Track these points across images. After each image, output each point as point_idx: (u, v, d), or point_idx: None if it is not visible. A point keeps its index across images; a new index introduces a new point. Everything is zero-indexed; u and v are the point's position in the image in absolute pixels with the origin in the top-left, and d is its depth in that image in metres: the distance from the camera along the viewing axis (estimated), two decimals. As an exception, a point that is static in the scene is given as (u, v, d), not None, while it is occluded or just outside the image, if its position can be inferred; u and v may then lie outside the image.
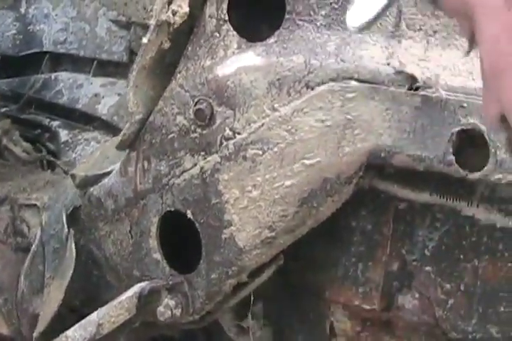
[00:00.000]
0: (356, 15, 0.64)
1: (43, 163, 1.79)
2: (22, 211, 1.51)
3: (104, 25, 1.90)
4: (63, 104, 1.95)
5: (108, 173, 1.32)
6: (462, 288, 1.24)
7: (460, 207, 1.15)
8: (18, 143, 1.78)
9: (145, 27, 1.58)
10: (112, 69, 1.93)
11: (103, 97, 1.87)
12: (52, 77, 2.02)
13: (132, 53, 1.81)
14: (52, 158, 1.78)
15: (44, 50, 2.05)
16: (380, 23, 1.02)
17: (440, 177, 1.11)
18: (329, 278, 1.34)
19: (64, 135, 1.87)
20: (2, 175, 1.65)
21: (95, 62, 1.94)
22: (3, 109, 1.97)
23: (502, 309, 1.22)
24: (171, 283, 1.26)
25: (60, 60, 2.07)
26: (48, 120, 1.95)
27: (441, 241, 1.23)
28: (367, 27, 0.64)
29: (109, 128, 1.83)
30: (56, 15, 2.04)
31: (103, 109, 1.84)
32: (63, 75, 2.00)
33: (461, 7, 0.63)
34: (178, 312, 1.26)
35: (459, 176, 1.03)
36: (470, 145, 1.00)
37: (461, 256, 1.22)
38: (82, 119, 1.92)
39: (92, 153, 1.56)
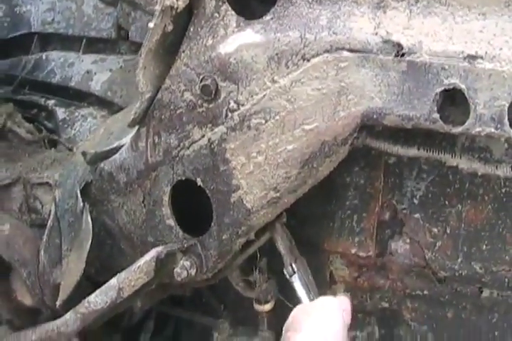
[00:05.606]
0: None
1: (45, 142, 1.81)
2: (35, 189, 1.53)
3: (90, 3, 1.90)
4: (56, 82, 1.97)
5: (115, 149, 1.35)
6: (448, 231, 1.35)
7: (445, 158, 1.24)
8: (22, 124, 1.80)
9: (131, 3, 1.60)
10: (101, 45, 1.95)
11: (95, 74, 1.88)
12: (43, 56, 2.02)
13: (120, 29, 1.83)
14: (55, 137, 1.80)
15: (32, 31, 2.04)
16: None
17: (425, 133, 1.18)
18: (327, 231, 1.44)
19: (61, 113, 1.89)
20: (11, 156, 1.66)
21: (84, 40, 1.95)
22: (-2, 92, 1.97)
23: (484, 247, 1.33)
24: (185, 245, 1.31)
25: (49, 40, 2.06)
26: (44, 99, 1.97)
27: (427, 190, 1.33)
28: None
29: (104, 103, 1.86)
30: (42, -5, 2.00)
31: (96, 86, 1.87)
32: (54, 54, 2.00)
33: None
34: (193, 271, 1.33)
35: (444, 131, 1.10)
36: (452, 104, 1.06)
37: (446, 203, 1.33)
38: (77, 96, 1.94)
39: (95, 130, 1.57)
